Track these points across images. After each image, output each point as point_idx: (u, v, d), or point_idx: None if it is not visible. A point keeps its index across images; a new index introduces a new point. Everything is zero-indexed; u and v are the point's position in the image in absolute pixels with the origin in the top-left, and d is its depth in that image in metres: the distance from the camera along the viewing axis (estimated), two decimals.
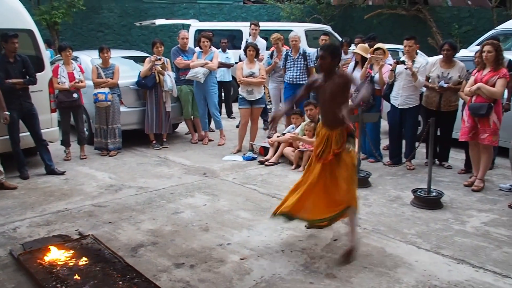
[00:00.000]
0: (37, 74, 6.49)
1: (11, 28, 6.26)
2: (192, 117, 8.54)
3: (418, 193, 5.36)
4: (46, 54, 7.18)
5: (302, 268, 3.89)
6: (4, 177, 6.02)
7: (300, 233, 4.57)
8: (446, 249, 4.20)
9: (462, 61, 6.56)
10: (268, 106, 9.52)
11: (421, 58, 6.85)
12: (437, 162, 6.77)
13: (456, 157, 7.00)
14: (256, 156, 7.42)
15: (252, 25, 9.64)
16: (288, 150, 7.01)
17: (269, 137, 7.69)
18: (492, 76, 5.57)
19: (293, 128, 7.35)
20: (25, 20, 6.72)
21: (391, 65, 6.66)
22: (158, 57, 7.87)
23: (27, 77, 6.30)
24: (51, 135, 6.98)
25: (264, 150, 7.47)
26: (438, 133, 6.57)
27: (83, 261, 3.98)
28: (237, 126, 8.75)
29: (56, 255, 4.07)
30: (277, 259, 4.04)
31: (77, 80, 7.16)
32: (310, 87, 4.49)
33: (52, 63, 7.86)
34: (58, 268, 3.85)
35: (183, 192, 5.86)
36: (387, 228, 4.67)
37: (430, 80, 6.49)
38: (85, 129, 7.74)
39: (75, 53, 8.26)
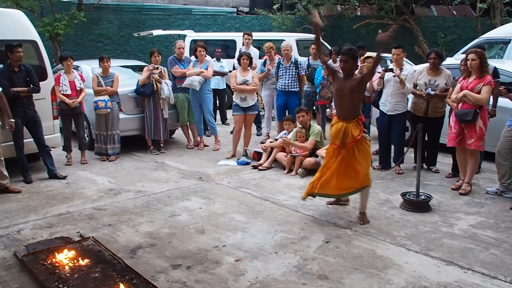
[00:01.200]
0: (40, 82, 6.58)
1: (16, 39, 6.35)
2: (188, 123, 8.61)
3: (407, 197, 5.39)
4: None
5: (295, 269, 3.94)
6: (9, 181, 6.10)
7: (293, 235, 4.63)
8: (435, 251, 4.26)
9: (448, 68, 6.63)
10: (261, 113, 9.61)
11: (409, 66, 6.95)
12: (425, 166, 6.82)
13: (444, 162, 7.06)
14: (249, 161, 7.48)
15: (245, 35, 9.72)
16: (280, 155, 7.08)
17: (262, 143, 7.82)
18: (478, 83, 5.64)
19: (285, 134, 7.41)
20: (29, 32, 6.82)
21: (379, 73, 6.72)
22: (156, 66, 7.96)
23: (31, 86, 6.39)
24: (54, 141, 7.06)
25: (257, 155, 7.52)
26: (426, 139, 6.67)
27: (84, 262, 4.05)
28: (231, 132, 8.77)
29: (59, 256, 4.14)
30: (270, 261, 4.09)
31: (76, 101, 7.22)
32: (333, 71, 5.16)
33: (54, 72, 7.98)
34: (60, 269, 3.92)
35: (179, 195, 5.92)
36: (377, 231, 4.74)
37: (417, 87, 6.57)
38: (85, 135, 7.80)
39: (76, 63, 8.34)
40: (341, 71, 4.98)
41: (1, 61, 6.41)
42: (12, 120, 6.05)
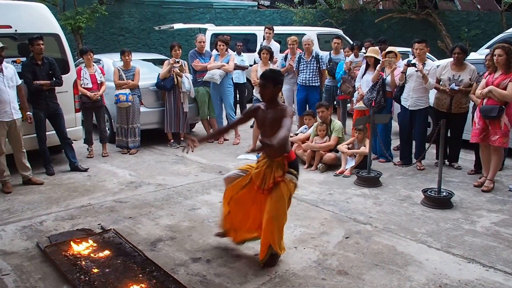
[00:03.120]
0: (62, 76, 6.65)
1: (39, 32, 6.42)
2: (208, 117, 8.65)
3: (429, 193, 5.35)
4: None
5: (315, 265, 3.94)
6: (32, 173, 6.20)
7: (312, 231, 4.62)
8: (456, 248, 4.21)
9: (472, 64, 6.53)
10: None
11: (431, 61, 6.83)
12: (447, 162, 6.73)
13: (466, 158, 6.97)
14: None
15: (266, 29, 9.69)
16: (300, 150, 7.06)
17: None
18: (504, 79, 5.54)
19: (305, 128, 7.39)
20: (52, 25, 6.90)
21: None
22: (176, 59, 8.00)
23: (54, 79, 6.47)
24: (75, 133, 7.15)
25: None
26: (448, 135, 6.55)
27: (105, 254, 4.10)
28: (251, 126, 8.74)
29: (80, 247, 4.20)
30: (290, 256, 4.08)
31: (97, 94, 7.29)
32: (250, 114, 4.08)
33: (76, 65, 8.07)
34: (81, 260, 3.98)
35: (199, 189, 5.95)
36: (398, 227, 4.70)
37: (441, 83, 6.48)
38: (107, 128, 7.90)
39: (97, 56, 8.40)
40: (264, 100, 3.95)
41: (24, 54, 6.52)
42: (29, 113, 6.15)
